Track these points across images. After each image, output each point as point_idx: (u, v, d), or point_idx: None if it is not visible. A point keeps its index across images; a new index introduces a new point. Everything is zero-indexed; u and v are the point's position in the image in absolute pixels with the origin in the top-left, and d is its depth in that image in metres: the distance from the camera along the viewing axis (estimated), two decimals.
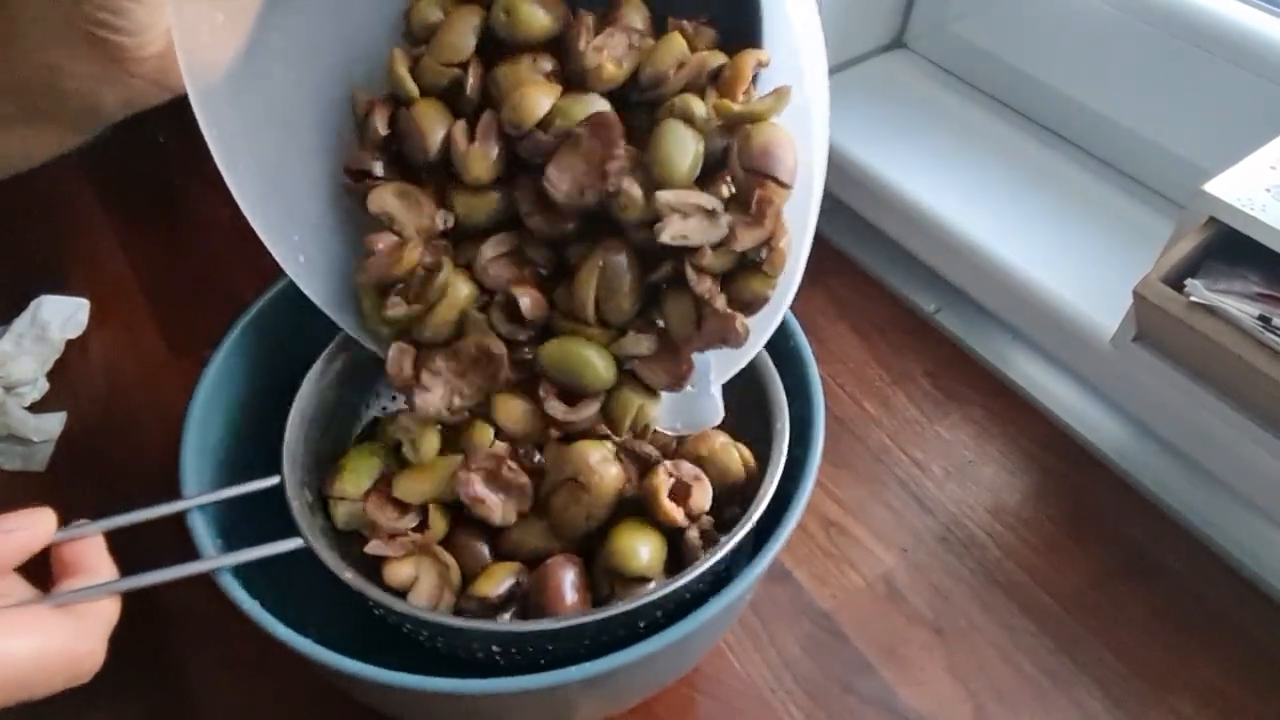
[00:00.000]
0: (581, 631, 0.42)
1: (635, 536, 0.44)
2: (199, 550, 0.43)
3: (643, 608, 0.41)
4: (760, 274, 0.40)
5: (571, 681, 0.38)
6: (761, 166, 0.39)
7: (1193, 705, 0.52)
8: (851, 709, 0.53)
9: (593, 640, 0.43)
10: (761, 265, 0.40)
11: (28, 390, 0.66)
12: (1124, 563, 0.58)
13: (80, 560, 0.39)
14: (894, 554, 0.59)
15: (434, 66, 0.43)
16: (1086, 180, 0.71)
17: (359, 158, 0.45)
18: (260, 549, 0.43)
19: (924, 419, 0.66)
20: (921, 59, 0.82)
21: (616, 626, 0.42)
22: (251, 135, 0.43)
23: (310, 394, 0.49)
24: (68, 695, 0.38)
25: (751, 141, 0.39)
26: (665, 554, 0.45)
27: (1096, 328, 0.60)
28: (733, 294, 0.41)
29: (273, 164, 0.44)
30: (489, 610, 0.44)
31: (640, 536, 0.44)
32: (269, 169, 0.44)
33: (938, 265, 0.72)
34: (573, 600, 0.43)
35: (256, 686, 0.53)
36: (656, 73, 0.41)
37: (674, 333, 0.43)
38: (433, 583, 0.45)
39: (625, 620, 0.42)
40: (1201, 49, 0.65)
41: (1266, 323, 0.47)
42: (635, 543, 0.44)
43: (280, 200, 0.45)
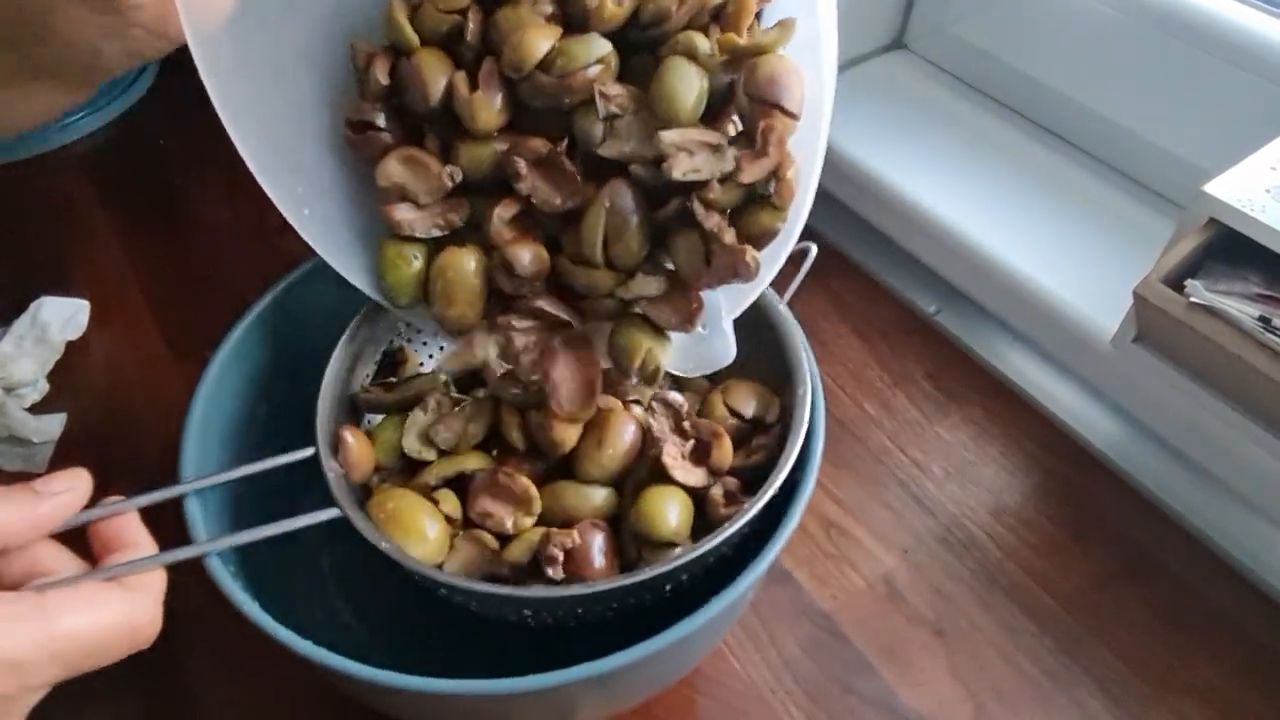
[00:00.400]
0: (608, 596, 0.42)
1: (662, 500, 0.44)
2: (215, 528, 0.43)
3: (669, 573, 0.41)
4: (769, 206, 0.40)
5: (572, 682, 0.38)
6: (768, 95, 0.38)
7: (1193, 705, 0.52)
8: (852, 709, 0.53)
9: (620, 604, 0.43)
10: (770, 198, 0.40)
11: (28, 391, 0.66)
12: (1124, 563, 0.58)
13: (120, 536, 0.39)
14: (894, 555, 0.59)
15: (433, 13, 0.42)
16: (1087, 181, 0.71)
17: (360, 109, 0.44)
18: (300, 519, 0.42)
19: (924, 420, 0.66)
20: (921, 60, 0.82)
21: (643, 591, 0.42)
22: (253, 85, 0.43)
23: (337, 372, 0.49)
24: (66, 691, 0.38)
25: (757, 73, 0.39)
26: (691, 516, 0.45)
27: (1097, 328, 0.60)
28: (741, 228, 0.41)
29: (275, 115, 0.44)
30: (521, 576, 0.44)
31: (667, 499, 0.44)
32: (271, 120, 0.44)
33: (938, 266, 0.72)
34: (600, 565, 0.43)
35: (256, 685, 0.53)
36: (659, 9, 0.40)
37: (683, 270, 0.42)
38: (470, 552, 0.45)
39: (653, 584, 0.42)
40: (1201, 50, 0.65)
41: (1267, 323, 0.48)
42: (663, 506, 0.44)
43: (283, 152, 0.45)
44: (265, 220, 0.78)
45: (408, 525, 0.44)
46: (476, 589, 0.42)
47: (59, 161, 0.85)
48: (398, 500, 0.45)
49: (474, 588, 0.42)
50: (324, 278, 0.53)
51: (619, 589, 0.41)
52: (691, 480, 0.45)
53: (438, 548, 0.44)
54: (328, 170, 0.47)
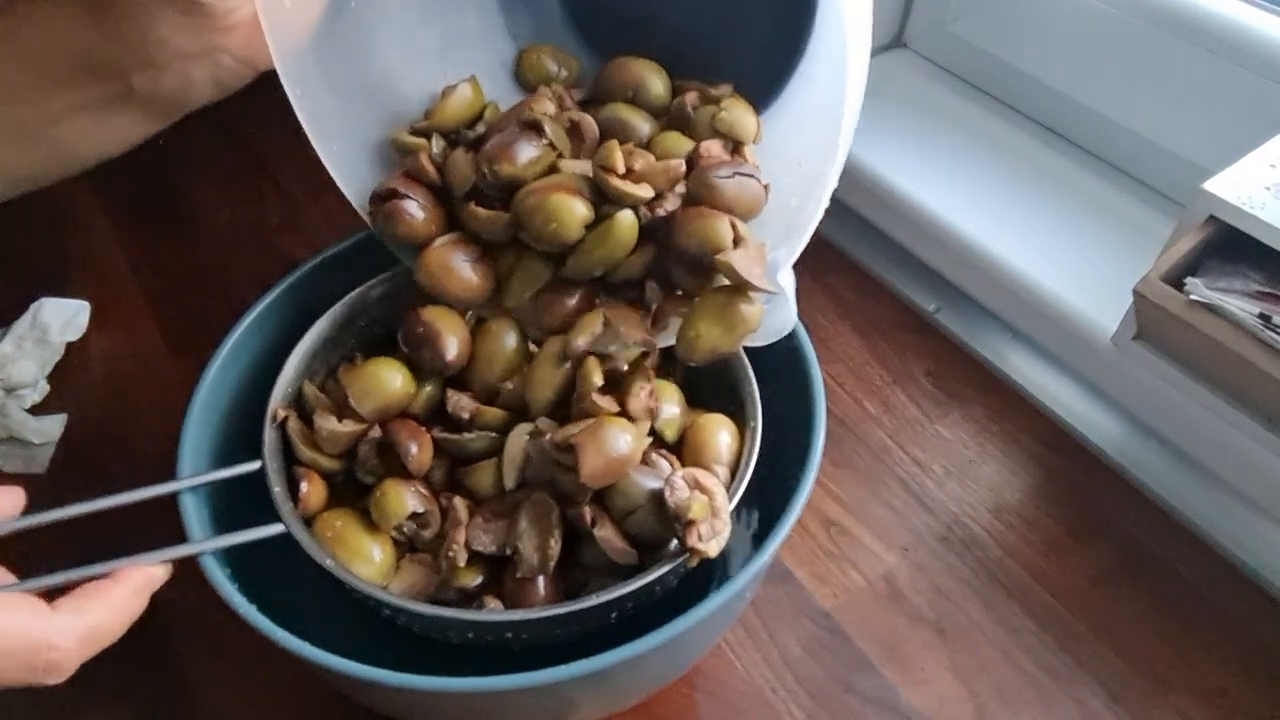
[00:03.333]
0: (551, 623, 0.43)
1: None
2: (187, 534, 0.43)
3: (610, 602, 0.42)
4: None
5: (570, 679, 0.38)
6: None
7: (1194, 703, 0.52)
8: (853, 708, 0.53)
9: (564, 631, 0.44)
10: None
11: (28, 392, 0.66)
12: (1125, 561, 0.58)
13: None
14: (895, 553, 0.59)
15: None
16: (1086, 179, 0.71)
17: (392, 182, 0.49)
18: (241, 534, 0.43)
19: (925, 418, 0.66)
20: (921, 58, 0.82)
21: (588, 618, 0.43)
22: (332, 99, 0.47)
23: (291, 379, 0.50)
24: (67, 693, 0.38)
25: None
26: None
27: (1097, 326, 0.60)
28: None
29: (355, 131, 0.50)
30: (467, 599, 0.45)
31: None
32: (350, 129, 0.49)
33: (938, 265, 0.72)
34: (543, 594, 0.45)
35: (255, 685, 0.53)
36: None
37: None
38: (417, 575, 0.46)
39: (595, 613, 0.42)
40: (1201, 47, 0.65)
41: (1267, 321, 0.47)
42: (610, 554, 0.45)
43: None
44: (265, 220, 0.79)
45: (353, 546, 0.45)
46: (421, 611, 0.43)
47: None
48: (345, 520, 0.46)
49: (418, 609, 0.43)
50: (323, 278, 0.53)
51: (561, 616, 0.42)
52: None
53: (383, 569, 0.46)
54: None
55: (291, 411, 0.48)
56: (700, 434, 0.48)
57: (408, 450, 0.46)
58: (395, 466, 0.47)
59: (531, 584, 0.44)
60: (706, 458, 0.47)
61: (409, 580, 0.46)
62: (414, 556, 0.47)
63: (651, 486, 0.44)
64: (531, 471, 0.46)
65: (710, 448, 0.47)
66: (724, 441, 0.47)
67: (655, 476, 0.44)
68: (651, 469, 0.45)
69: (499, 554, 0.45)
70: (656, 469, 0.45)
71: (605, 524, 0.44)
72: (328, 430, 0.47)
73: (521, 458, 0.46)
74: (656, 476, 0.44)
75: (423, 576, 0.46)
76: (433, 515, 0.47)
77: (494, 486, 0.47)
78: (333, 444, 0.47)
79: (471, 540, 0.45)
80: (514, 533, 0.45)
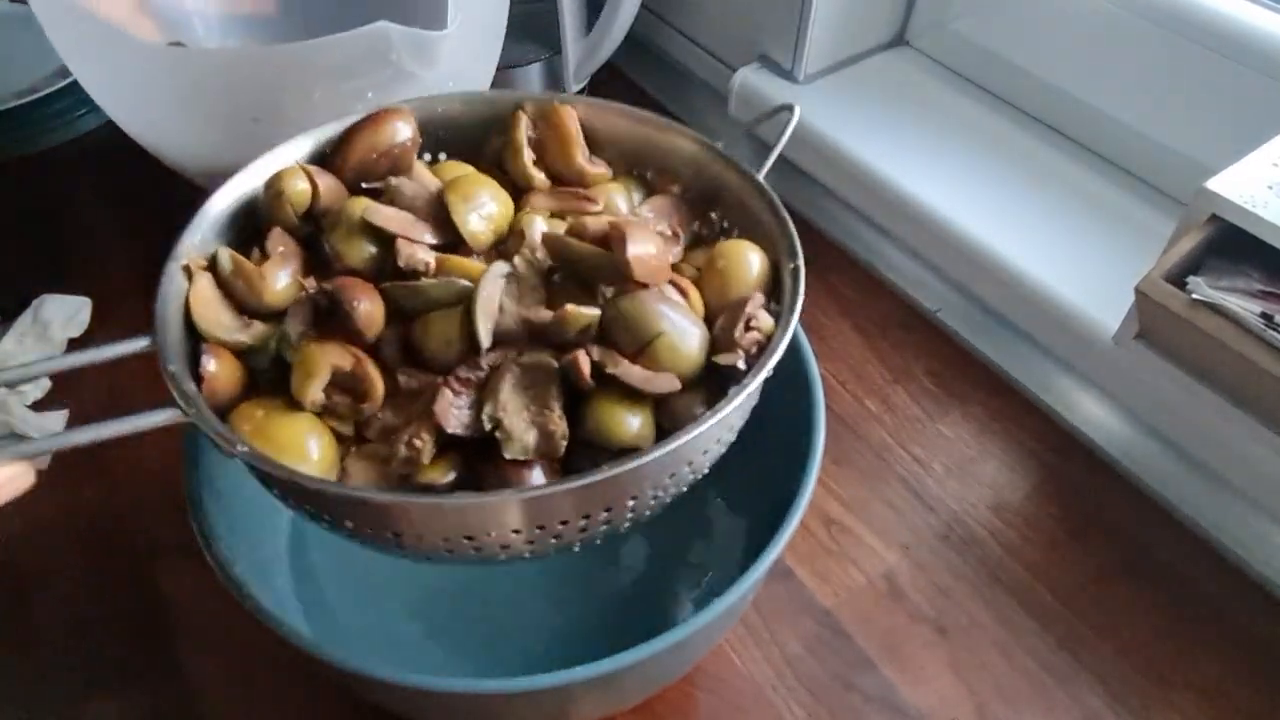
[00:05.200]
0: (575, 500, 0.35)
1: (620, 407, 0.37)
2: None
3: (629, 475, 0.34)
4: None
5: (573, 682, 0.38)
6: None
7: (1194, 701, 0.52)
8: (854, 707, 0.53)
9: (587, 528, 0.37)
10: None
11: (29, 388, 0.66)
12: (1125, 560, 0.58)
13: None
14: (895, 552, 0.59)
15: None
16: (1088, 178, 0.71)
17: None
18: (138, 419, 0.37)
19: (925, 417, 0.66)
20: (923, 57, 0.82)
21: (601, 500, 0.36)
22: None
23: (208, 232, 0.43)
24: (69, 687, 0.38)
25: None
26: (654, 428, 0.38)
27: (1098, 325, 0.60)
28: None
29: None
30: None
31: (626, 408, 0.37)
32: None
33: (939, 263, 0.72)
34: (540, 475, 0.36)
35: (258, 679, 0.53)
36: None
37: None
38: (366, 474, 0.38)
39: (613, 492, 0.36)
40: (1203, 46, 0.65)
41: (1269, 320, 0.47)
42: (622, 413, 0.37)
43: None
44: None
45: (280, 440, 0.36)
46: (387, 500, 0.35)
47: (60, 159, 0.85)
48: (269, 410, 0.37)
49: (383, 498, 0.35)
50: None
51: (570, 490, 0.34)
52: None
53: (321, 469, 0.37)
54: None
55: (203, 264, 0.40)
56: (724, 260, 0.41)
57: (352, 303, 0.37)
58: (337, 337, 0.38)
59: (525, 469, 0.36)
60: (734, 283, 0.40)
61: (358, 482, 0.37)
62: (362, 452, 0.38)
63: (672, 311, 0.37)
64: (510, 324, 0.38)
65: (739, 271, 0.41)
66: (754, 265, 0.41)
67: (669, 302, 0.38)
68: (663, 296, 0.38)
69: (476, 435, 0.36)
70: (665, 296, 0.38)
71: (618, 360, 0.36)
72: (259, 281, 0.39)
73: (497, 303, 0.38)
74: (670, 302, 0.38)
75: (375, 476, 0.37)
76: (370, 383, 0.37)
77: (457, 345, 0.38)
78: (266, 298, 0.39)
79: (440, 419, 0.35)
80: (495, 405, 0.36)
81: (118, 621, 0.56)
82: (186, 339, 0.39)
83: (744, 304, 0.39)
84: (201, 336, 0.39)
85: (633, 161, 0.48)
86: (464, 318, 0.38)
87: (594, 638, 0.52)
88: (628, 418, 0.37)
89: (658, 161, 0.47)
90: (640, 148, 0.47)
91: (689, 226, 0.45)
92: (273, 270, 0.40)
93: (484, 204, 0.42)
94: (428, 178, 0.45)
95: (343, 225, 0.41)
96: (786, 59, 0.79)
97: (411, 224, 0.41)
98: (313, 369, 0.37)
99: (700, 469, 0.39)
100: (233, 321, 0.40)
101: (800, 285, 0.40)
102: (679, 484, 0.39)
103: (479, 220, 0.42)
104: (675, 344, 0.37)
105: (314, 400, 0.37)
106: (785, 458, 0.47)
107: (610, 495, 0.36)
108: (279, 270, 0.40)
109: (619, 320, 0.38)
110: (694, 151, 0.46)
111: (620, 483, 0.35)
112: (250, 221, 0.44)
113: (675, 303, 0.39)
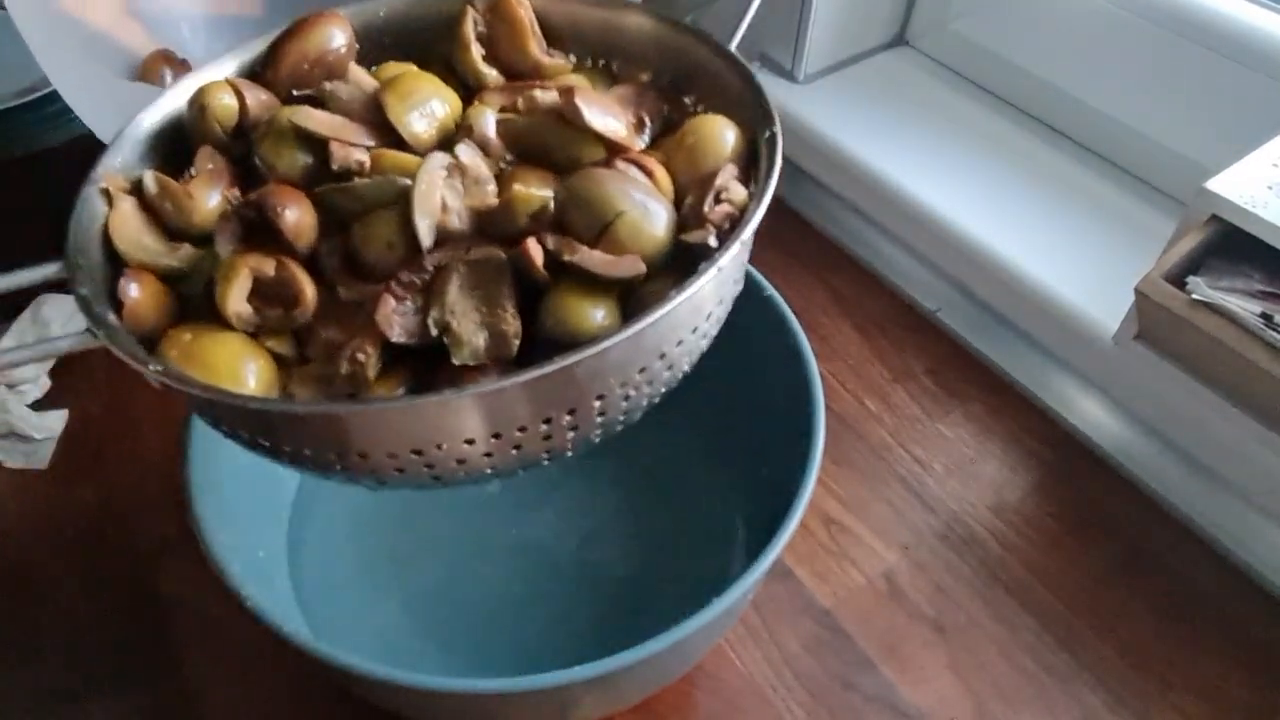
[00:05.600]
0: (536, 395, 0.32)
1: (581, 298, 0.34)
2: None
3: (593, 363, 0.31)
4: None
5: (573, 682, 0.38)
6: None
7: (1193, 701, 0.52)
8: (853, 706, 0.53)
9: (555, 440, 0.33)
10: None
11: (29, 388, 0.66)
12: (1125, 560, 0.58)
13: None
14: (895, 551, 0.59)
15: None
16: (1088, 178, 0.71)
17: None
18: (55, 341, 0.34)
19: (925, 416, 0.66)
20: (923, 56, 0.82)
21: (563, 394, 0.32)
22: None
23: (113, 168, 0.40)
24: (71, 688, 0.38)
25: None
26: (618, 317, 0.35)
27: (1098, 325, 0.60)
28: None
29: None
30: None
31: (588, 298, 0.34)
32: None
33: (939, 263, 0.72)
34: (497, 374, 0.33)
35: (258, 679, 0.53)
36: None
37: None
38: (311, 392, 0.35)
39: (574, 386, 0.32)
40: (1203, 46, 0.65)
41: (1268, 320, 0.47)
42: (584, 304, 0.34)
43: None
44: None
45: (212, 362, 0.33)
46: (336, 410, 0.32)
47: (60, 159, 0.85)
48: (198, 333, 0.34)
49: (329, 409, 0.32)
50: None
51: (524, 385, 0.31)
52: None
53: (263, 393, 0.34)
54: None
55: (125, 186, 0.38)
56: (693, 136, 0.38)
57: (277, 209, 0.34)
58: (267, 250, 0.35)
59: (478, 374, 0.33)
60: (706, 158, 0.37)
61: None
62: (305, 373, 0.35)
63: (632, 189, 0.34)
64: (455, 224, 0.35)
65: (711, 145, 0.37)
66: (728, 139, 0.38)
67: (629, 180, 0.35)
68: (624, 174, 0.35)
69: (423, 344, 0.34)
70: (626, 174, 0.36)
71: (575, 246, 0.34)
72: (186, 200, 0.36)
73: (438, 199, 0.35)
74: (631, 180, 0.35)
75: (320, 398, 0.34)
76: (299, 285, 0.35)
77: (399, 248, 0.35)
78: (195, 218, 0.37)
79: (383, 327, 0.33)
80: (441, 308, 0.33)
81: (117, 621, 0.56)
82: (108, 265, 0.36)
83: (713, 176, 0.36)
84: (123, 262, 0.37)
85: (594, 50, 0.43)
86: (401, 216, 0.35)
87: (593, 637, 0.52)
88: (590, 309, 0.34)
89: (621, 48, 0.43)
90: (601, 34, 0.43)
91: (658, 114, 0.41)
92: (201, 189, 0.37)
93: (426, 101, 0.39)
94: (366, 80, 0.41)
95: (272, 134, 0.38)
96: (786, 59, 0.79)
97: (345, 126, 0.38)
98: (232, 275, 0.34)
99: (677, 363, 0.35)
100: (157, 244, 0.37)
101: (777, 154, 0.36)
102: (654, 383, 0.35)
103: (419, 119, 0.38)
104: (638, 223, 0.34)
105: (238, 312, 0.35)
106: (785, 458, 0.47)
107: (572, 393, 0.32)
108: (208, 189, 0.37)
109: (574, 201, 0.35)
110: (657, 30, 0.42)
111: (580, 376, 0.32)
112: (180, 145, 0.41)
113: (637, 180, 0.36)
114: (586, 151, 0.37)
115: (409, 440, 0.32)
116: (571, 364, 0.30)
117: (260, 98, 0.40)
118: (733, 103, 0.39)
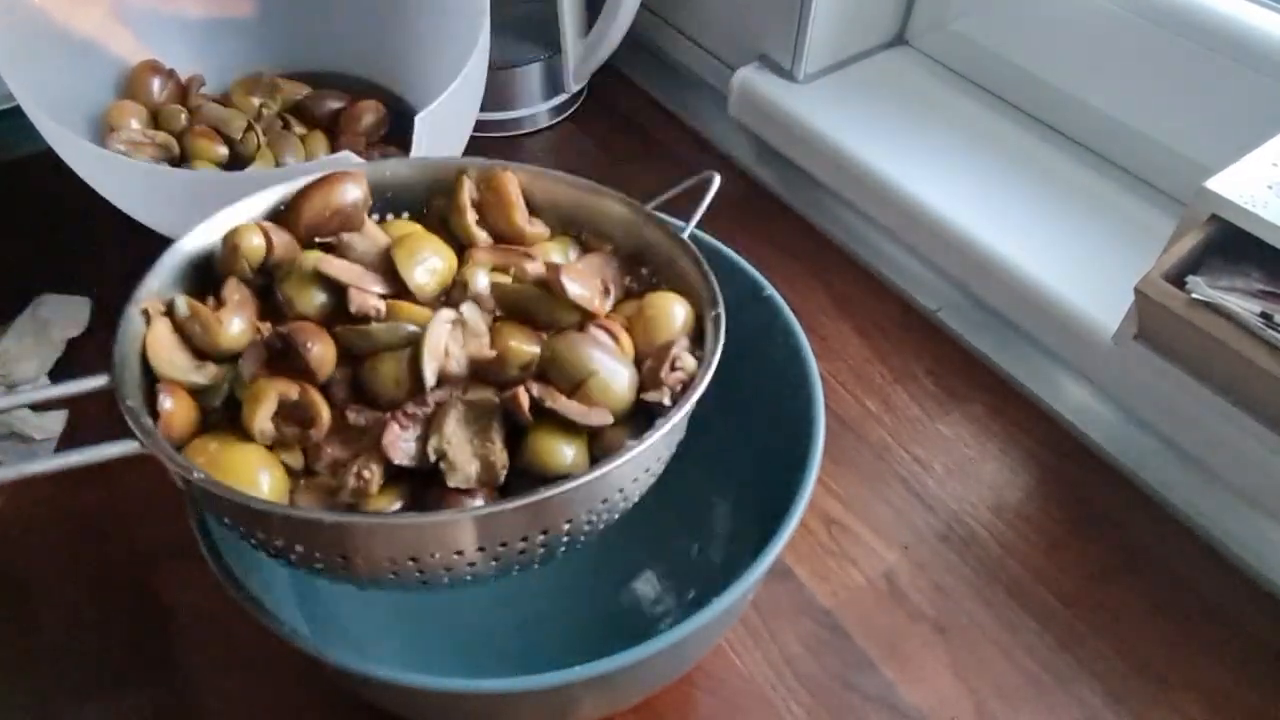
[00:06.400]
0: (518, 520, 0.37)
1: (557, 439, 0.40)
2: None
3: (566, 495, 0.37)
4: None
5: (573, 682, 0.38)
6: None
7: (1194, 701, 0.52)
8: (853, 706, 0.53)
9: (527, 549, 0.39)
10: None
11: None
12: (1125, 560, 0.58)
13: None
14: (895, 551, 0.59)
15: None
16: (1088, 177, 0.71)
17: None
18: (84, 451, 0.38)
19: (925, 416, 0.66)
20: (923, 56, 0.82)
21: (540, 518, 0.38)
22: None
23: (167, 278, 0.44)
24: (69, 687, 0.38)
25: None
26: (587, 457, 0.41)
27: (1098, 325, 0.60)
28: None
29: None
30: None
31: (563, 439, 0.40)
32: None
33: (939, 263, 0.72)
34: (481, 502, 0.39)
35: (258, 679, 0.53)
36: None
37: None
38: (315, 503, 0.40)
39: (545, 517, 0.38)
40: (1203, 45, 0.65)
41: (1268, 320, 0.47)
42: (559, 443, 0.40)
43: None
44: None
45: (233, 470, 0.39)
46: (343, 520, 0.37)
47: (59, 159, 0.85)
48: (221, 443, 0.40)
49: (336, 518, 0.37)
50: None
51: (511, 510, 0.36)
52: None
53: (274, 498, 0.39)
54: None
55: (161, 309, 0.42)
56: (652, 310, 0.45)
57: (306, 345, 0.40)
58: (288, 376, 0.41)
59: (467, 497, 0.39)
60: (661, 330, 0.44)
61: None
62: (311, 483, 0.40)
63: (604, 354, 0.41)
64: (454, 368, 0.41)
65: (665, 319, 0.44)
66: (679, 315, 0.45)
67: (601, 345, 0.42)
68: (596, 339, 0.42)
69: (422, 467, 0.39)
70: (598, 340, 0.43)
71: (556, 395, 0.40)
72: (215, 326, 0.41)
73: (444, 347, 0.41)
74: (603, 345, 0.42)
75: (324, 506, 0.39)
76: (316, 408, 0.40)
77: (405, 384, 0.41)
78: (221, 341, 0.42)
79: (388, 450, 0.38)
80: (440, 438, 0.39)
81: (118, 622, 0.56)
82: (144, 377, 0.41)
83: (669, 347, 0.43)
84: (156, 376, 0.42)
85: (568, 223, 0.50)
86: (412, 360, 0.41)
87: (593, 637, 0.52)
88: (564, 448, 0.40)
89: (592, 223, 0.50)
90: (575, 210, 0.50)
91: (620, 282, 0.48)
92: (228, 315, 0.43)
93: (428, 259, 0.45)
94: (378, 234, 0.48)
95: (295, 275, 0.44)
96: (786, 59, 0.79)
97: (362, 275, 0.44)
98: (261, 397, 0.40)
99: (631, 496, 0.42)
100: (187, 363, 0.42)
101: (721, 332, 0.43)
102: (611, 510, 0.41)
103: (424, 273, 0.45)
104: (607, 382, 0.41)
105: (262, 429, 0.40)
106: (785, 458, 0.47)
107: (547, 517, 0.38)
108: (234, 316, 0.43)
109: (556, 360, 0.41)
110: (624, 214, 0.49)
111: (555, 505, 0.38)
112: (207, 272, 0.46)
113: (606, 345, 0.43)
114: (564, 315, 0.44)
115: (408, 549, 0.37)
116: (552, 495, 0.37)
117: (284, 240, 0.46)
118: (686, 281, 0.46)
